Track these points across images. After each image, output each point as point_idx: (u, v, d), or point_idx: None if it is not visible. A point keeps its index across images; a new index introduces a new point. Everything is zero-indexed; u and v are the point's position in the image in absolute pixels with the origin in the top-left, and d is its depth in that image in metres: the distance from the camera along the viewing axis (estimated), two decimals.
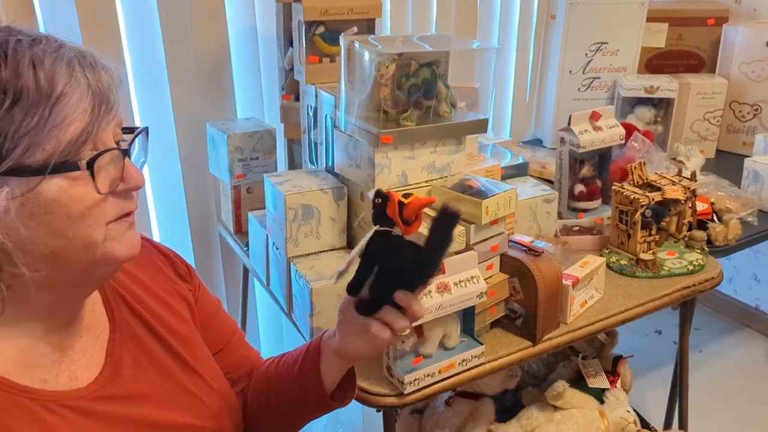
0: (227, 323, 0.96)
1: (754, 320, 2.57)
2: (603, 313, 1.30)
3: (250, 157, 1.57)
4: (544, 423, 1.37)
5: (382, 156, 1.15)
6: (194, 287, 0.90)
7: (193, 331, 0.86)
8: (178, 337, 0.82)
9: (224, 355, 0.93)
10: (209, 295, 0.94)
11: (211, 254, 1.83)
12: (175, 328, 0.82)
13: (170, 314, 0.83)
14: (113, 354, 0.75)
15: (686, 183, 1.47)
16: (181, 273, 0.89)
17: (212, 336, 0.90)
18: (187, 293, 0.88)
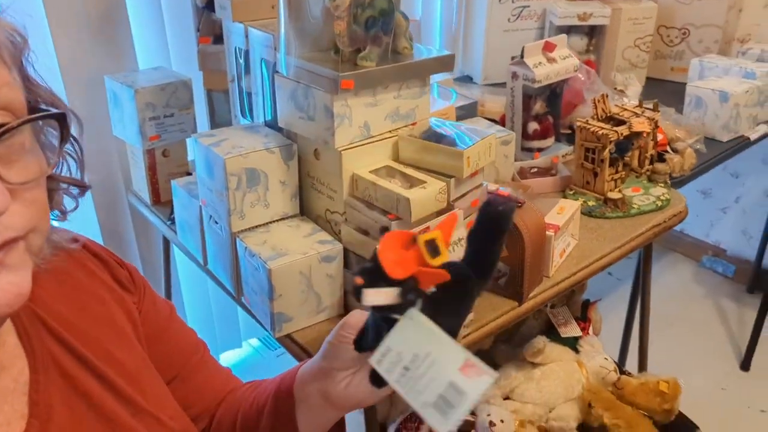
0: (183, 339, 0.74)
1: (680, 244, 2.64)
2: (582, 261, 1.20)
3: (163, 114, 1.32)
4: (524, 381, 1.28)
5: (342, 105, 0.96)
6: (139, 296, 0.69)
7: (141, 358, 0.65)
8: (121, 369, 0.61)
9: (180, 384, 0.71)
10: (158, 303, 0.72)
11: (121, 232, 1.57)
12: (117, 357, 0.61)
13: (110, 338, 0.62)
14: (39, 401, 0.54)
15: (649, 114, 1.39)
16: (121, 279, 0.67)
17: (163, 360, 0.69)
18: (130, 306, 0.66)
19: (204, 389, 0.73)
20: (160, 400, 0.64)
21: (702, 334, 2.20)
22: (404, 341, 0.50)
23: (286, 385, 0.64)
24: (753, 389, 1.96)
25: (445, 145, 1.00)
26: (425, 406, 0.49)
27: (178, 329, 0.73)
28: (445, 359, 0.50)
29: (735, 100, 1.66)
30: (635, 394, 1.24)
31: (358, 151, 1.00)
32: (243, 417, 0.68)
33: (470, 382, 0.49)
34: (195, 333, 0.76)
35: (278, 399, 0.64)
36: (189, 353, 0.73)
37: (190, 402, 0.70)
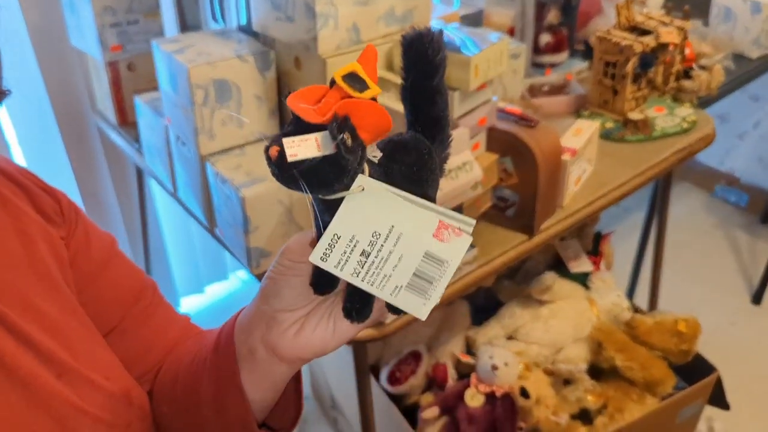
0: (124, 281, 0.59)
1: (691, 172, 2.50)
2: (599, 189, 1.08)
3: (126, 20, 1.16)
4: (530, 321, 1.18)
5: (326, 2, 0.80)
6: (68, 230, 0.55)
7: (69, 306, 0.51)
8: (43, 321, 0.48)
9: (118, 337, 0.57)
10: (93, 237, 0.58)
11: (91, 158, 1.43)
12: (38, 307, 0.48)
13: (29, 283, 0.49)
14: None
15: (679, 23, 1.22)
16: (45, 209, 0.53)
17: (99, 306, 0.56)
18: (56, 241, 0.53)
19: (150, 343, 0.59)
20: (93, 357, 0.51)
21: (712, 268, 2.10)
22: (355, 220, 0.39)
23: (225, 335, 0.49)
24: (764, 324, 1.88)
25: (450, 52, 0.84)
26: (397, 292, 0.39)
27: (118, 269, 0.59)
28: (413, 228, 0.39)
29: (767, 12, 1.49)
30: (650, 334, 1.14)
31: (346, 59, 0.85)
32: (183, 377, 0.53)
33: (448, 247, 0.39)
34: (142, 272, 0.61)
35: (218, 354, 0.49)
36: (131, 299, 0.58)
37: (133, 359, 0.57)
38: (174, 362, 0.56)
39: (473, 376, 1.08)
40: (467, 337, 1.17)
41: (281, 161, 0.37)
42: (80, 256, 0.55)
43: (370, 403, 1.00)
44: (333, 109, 0.38)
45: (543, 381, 1.10)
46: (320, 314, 0.45)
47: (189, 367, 0.52)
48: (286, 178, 0.37)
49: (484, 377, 1.06)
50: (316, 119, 0.37)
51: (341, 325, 0.45)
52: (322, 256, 0.39)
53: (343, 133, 0.37)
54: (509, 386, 1.05)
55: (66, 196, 0.57)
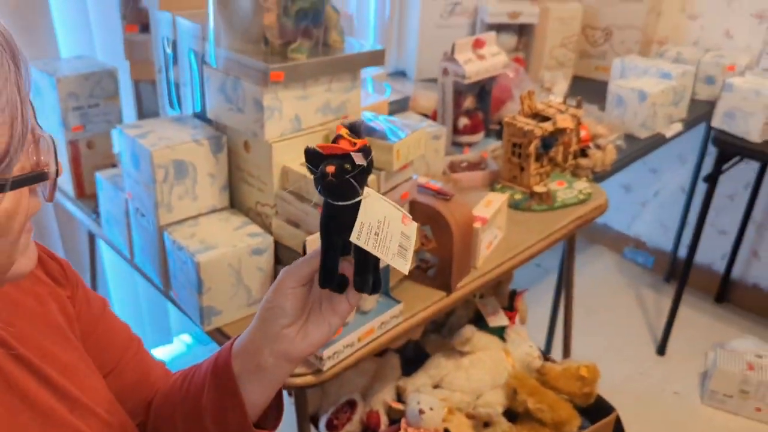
0: (117, 333, 0.72)
1: (603, 236, 2.75)
2: (508, 252, 1.24)
3: (87, 104, 1.28)
4: (453, 370, 1.31)
5: (272, 97, 0.96)
6: (72, 291, 0.67)
7: (77, 352, 0.63)
8: (57, 364, 0.60)
9: (115, 378, 0.70)
10: (91, 298, 0.70)
11: (44, 227, 1.52)
12: (53, 353, 0.60)
13: (45, 332, 0.60)
14: None
15: (573, 111, 1.44)
16: (54, 274, 0.65)
17: (98, 354, 0.68)
18: (63, 300, 0.65)
19: (139, 384, 0.72)
20: (97, 394, 0.63)
21: (623, 322, 2.31)
22: (369, 215, 0.59)
23: (222, 363, 0.63)
24: (668, 373, 2.07)
25: (376, 138, 1.01)
26: (393, 257, 0.58)
27: (112, 324, 0.72)
28: (394, 217, 0.61)
29: (652, 99, 1.75)
30: (557, 380, 1.29)
31: (288, 144, 1.00)
32: (183, 403, 0.67)
33: (410, 228, 0.62)
34: (129, 328, 0.75)
35: (218, 376, 0.63)
36: (123, 348, 0.72)
37: (126, 396, 0.69)
38: (168, 397, 0.69)
39: (403, 421, 1.20)
40: (398, 386, 1.30)
41: (339, 172, 0.56)
42: (83, 312, 0.67)
43: None
44: (363, 142, 0.58)
45: (465, 424, 1.23)
46: (316, 319, 0.62)
47: (186, 394, 0.66)
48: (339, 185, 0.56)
49: (412, 421, 1.19)
50: (351, 149, 0.57)
51: (333, 320, 0.62)
52: (357, 237, 0.57)
53: (369, 151, 0.58)
54: (435, 429, 1.18)
55: (68, 263, 0.68)
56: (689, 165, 2.41)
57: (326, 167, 0.57)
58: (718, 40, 2.24)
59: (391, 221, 0.61)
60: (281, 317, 0.60)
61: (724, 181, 2.26)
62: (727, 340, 2.09)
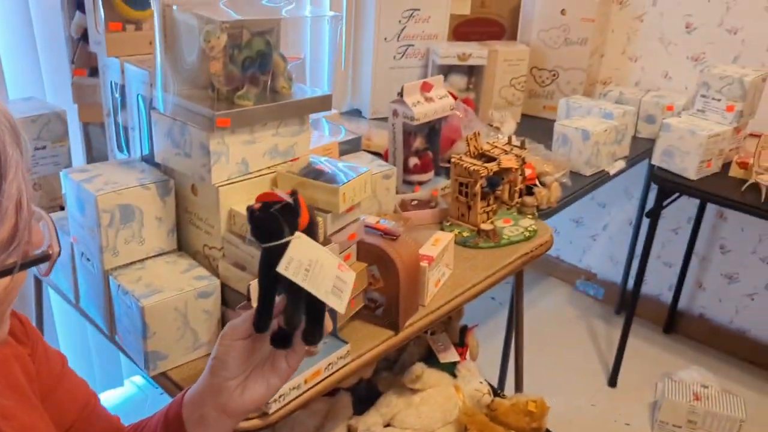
0: (76, 390, 0.73)
1: (556, 269, 2.81)
2: (456, 289, 1.27)
3: (35, 146, 1.27)
4: (404, 408, 1.32)
5: (218, 142, 0.97)
6: (32, 348, 0.67)
7: (37, 412, 0.63)
8: (16, 423, 0.59)
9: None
10: (51, 354, 0.70)
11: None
12: (12, 412, 0.59)
13: (4, 393, 0.59)
14: None
15: (517, 151, 1.49)
16: (17, 334, 0.65)
17: (57, 412, 0.68)
18: (25, 359, 0.64)
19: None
20: None
21: (575, 354, 2.35)
22: (299, 253, 0.63)
23: (173, 413, 0.65)
24: (619, 404, 2.12)
25: (323, 181, 1.03)
26: (327, 294, 0.64)
27: (71, 381, 0.73)
28: (328, 262, 0.66)
29: (595, 138, 1.82)
30: (507, 415, 1.31)
31: (235, 187, 1.02)
32: None
33: (346, 275, 0.68)
34: (87, 383, 0.76)
35: (168, 427, 0.65)
36: (82, 405, 0.72)
37: None
38: None
39: None
40: (349, 426, 1.30)
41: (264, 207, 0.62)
42: (43, 370, 0.67)
43: None
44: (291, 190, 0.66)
45: None
46: (256, 376, 0.64)
47: None
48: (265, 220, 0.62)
49: None
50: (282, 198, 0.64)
51: (272, 380, 0.64)
52: (285, 268, 0.61)
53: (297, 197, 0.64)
54: None
55: (28, 320, 0.68)
56: (635, 200, 2.49)
57: (254, 205, 0.63)
58: (657, 80, 2.35)
59: (325, 264, 0.65)
60: (223, 369, 0.63)
61: (668, 215, 2.35)
62: (675, 370, 2.15)
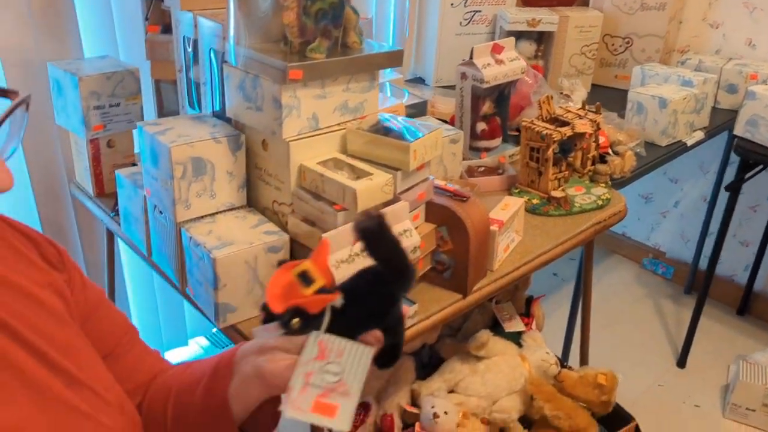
0: (115, 319, 0.74)
1: (622, 246, 2.72)
2: (525, 256, 1.23)
3: (109, 103, 1.30)
4: (468, 375, 1.30)
5: (290, 96, 0.96)
6: (69, 276, 0.68)
7: (75, 333, 0.64)
8: (54, 343, 0.60)
9: (112, 361, 0.71)
10: (89, 285, 0.72)
11: (62, 225, 1.53)
12: (50, 333, 0.60)
13: (42, 314, 0.61)
14: None
15: (592, 116, 1.43)
16: (50, 259, 0.66)
17: (96, 337, 0.69)
18: (61, 285, 0.66)
19: (137, 367, 0.74)
20: (95, 372, 0.63)
21: (642, 333, 2.27)
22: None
23: (226, 358, 0.65)
24: (688, 385, 2.04)
25: (393, 138, 1.01)
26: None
27: (109, 311, 0.74)
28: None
29: (673, 106, 1.73)
30: (575, 387, 1.28)
31: (306, 143, 1.00)
32: (177, 391, 0.69)
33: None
34: (126, 317, 0.77)
35: (217, 371, 0.65)
36: (121, 333, 0.73)
37: (124, 378, 0.70)
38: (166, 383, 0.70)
39: (417, 425, 1.19)
40: (412, 390, 1.29)
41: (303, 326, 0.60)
42: (80, 298, 0.68)
43: None
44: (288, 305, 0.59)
45: (480, 429, 1.21)
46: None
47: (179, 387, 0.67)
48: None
49: (426, 425, 1.18)
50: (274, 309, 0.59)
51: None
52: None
53: (291, 321, 0.59)
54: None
55: (66, 252, 0.70)
56: (711, 175, 2.38)
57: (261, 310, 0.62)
58: (740, 49, 2.22)
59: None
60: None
61: (747, 191, 2.23)
62: (749, 353, 2.05)
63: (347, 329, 0.61)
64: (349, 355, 0.59)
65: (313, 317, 0.60)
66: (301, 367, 0.58)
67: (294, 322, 0.59)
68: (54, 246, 0.68)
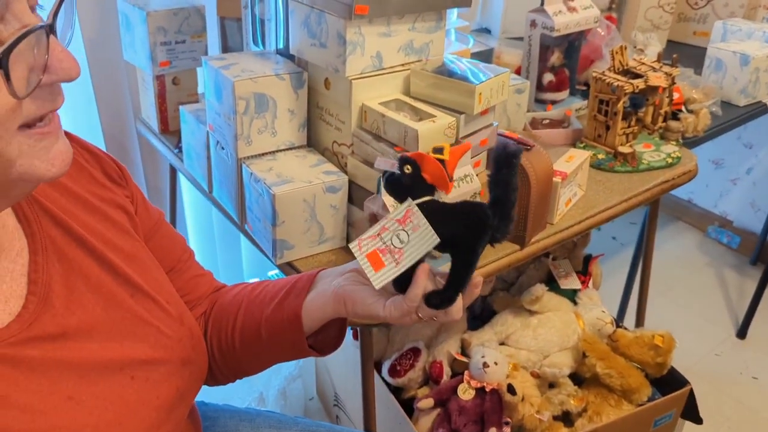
0: (175, 238, 0.78)
1: (687, 213, 2.62)
2: (587, 211, 1.20)
3: (175, 40, 1.31)
4: (520, 328, 1.29)
5: (355, 32, 0.94)
6: (131, 193, 0.70)
7: (139, 246, 0.67)
8: (120, 252, 0.63)
9: (175, 276, 0.75)
10: (149, 205, 0.75)
11: (128, 160, 1.57)
12: (115, 243, 0.63)
13: (107, 225, 0.63)
14: (38, 281, 0.56)
15: (667, 70, 1.36)
16: (113, 176, 0.69)
17: (158, 254, 0.72)
18: (124, 200, 0.68)
19: (197, 281, 0.78)
20: (159, 284, 0.66)
21: (702, 301, 2.20)
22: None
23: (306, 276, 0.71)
24: (747, 356, 1.97)
25: (457, 79, 0.98)
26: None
27: (170, 230, 0.77)
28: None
29: (756, 63, 1.63)
30: (629, 347, 1.25)
31: (368, 82, 0.99)
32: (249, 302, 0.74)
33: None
34: (184, 238, 0.81)
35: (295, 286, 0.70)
36: (182, 250, 0.77)
37: (187, 290, 0.75)
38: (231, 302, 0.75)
39: (466, 373, 1.19)
40: (463, 339, 1.28)
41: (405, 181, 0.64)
42: (143, 213, 0.70)
43: (372, 393, 1.12)
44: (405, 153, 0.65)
45: (529, 381, 1.21)
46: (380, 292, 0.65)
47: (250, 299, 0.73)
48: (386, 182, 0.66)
49: (475, 374, 1.18)
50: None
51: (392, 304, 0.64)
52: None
53: (405, 166, 0.64)
54: (498, 383, 1.16)
55: (124, 166, 0.71)
56: None
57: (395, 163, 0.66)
58: None
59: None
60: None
61: None
62: None
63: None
64: (420, 233, 0.62)
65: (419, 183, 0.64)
66: (384, 221, 0.63)
67: (406, 167, 0.63)
68: (116, 163, 0.71)
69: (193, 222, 1.80)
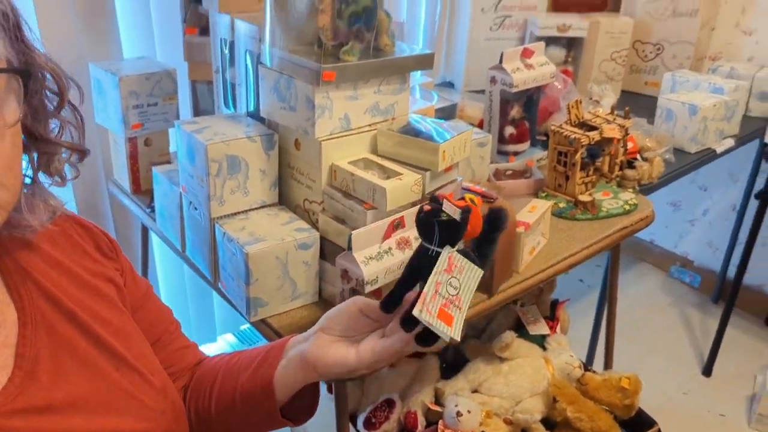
0: (162, 310, 0.80)
1: (649, 254, 2.70)
2: (550, 259, 1.24)
3: (147, 102, 1.34)
4: (492, 375, 1.31)
5: (323, 96, 0.99)
6: (121, 266, 0.72)
7: (126, 319, 0.68)
8: (108, 326, 0.64)
9: (160, 348, 0.77)
10: (137, 276, 0.77)
11: (100, 220, 1.58)
12: (103, 316, 0.64)
13: (96, 299, 0.65)
14: (25, 355, 0.57)
15: (620, 121, 1.44)
16: (104, 250, 0.71)
17: (145, 325, 0.74)
18: (113, 273, 0.70)
19: (182, 353, 0.79)
20: (144, 357, 0.67)
21: (667, 341, 2.26)
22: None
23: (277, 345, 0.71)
24: (714, 394, 2.02)
25: (422, 139, 1.03)
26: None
27: (157, 302, 0.78)
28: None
29: (703, 113, 1.72)
30: (598, 390, 1.28)
31: (337, 142, 1.03)
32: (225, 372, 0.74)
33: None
34: (170, 309, 0.82)
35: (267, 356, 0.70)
36: (168, 322, 0.78)
37: (171, 362, 0.76)
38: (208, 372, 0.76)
39: (440, 423, 1.20)
40: (436, 389, 1.30)
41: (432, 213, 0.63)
42: (131, 285, 0.71)
43: None
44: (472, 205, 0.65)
45: (502, 429, 1.23)
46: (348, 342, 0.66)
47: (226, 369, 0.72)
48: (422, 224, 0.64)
49: (449, 423, 1.19)
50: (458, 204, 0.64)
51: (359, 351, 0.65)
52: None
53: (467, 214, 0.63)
54: (471, 431, 1.18)
55: (114, 239, 0.73)
56: (741, 183, 2.35)
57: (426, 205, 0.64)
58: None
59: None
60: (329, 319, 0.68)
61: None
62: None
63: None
64: (467, 273, 0.64)
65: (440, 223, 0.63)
66: (433, 276, 0.62)
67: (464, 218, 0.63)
68: (108, 237, 0.73)
69: (165, 281, 1.80)
